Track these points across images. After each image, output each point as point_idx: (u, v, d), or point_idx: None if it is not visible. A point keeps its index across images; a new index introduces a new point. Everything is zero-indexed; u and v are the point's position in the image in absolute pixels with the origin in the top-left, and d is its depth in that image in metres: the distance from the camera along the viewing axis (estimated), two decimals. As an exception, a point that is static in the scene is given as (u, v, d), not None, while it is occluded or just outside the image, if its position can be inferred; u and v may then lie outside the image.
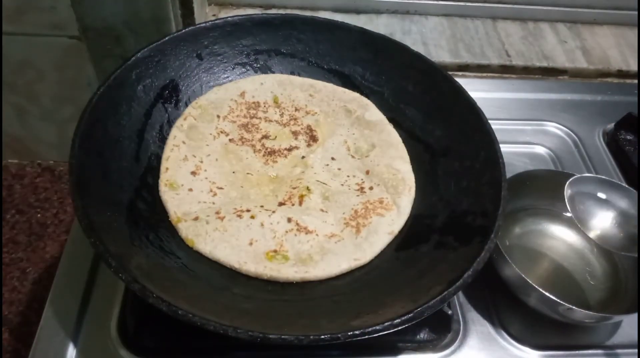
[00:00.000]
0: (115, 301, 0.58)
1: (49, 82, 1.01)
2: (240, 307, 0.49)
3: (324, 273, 0.55)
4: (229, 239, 0.55)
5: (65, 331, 0.56)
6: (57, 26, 0.88)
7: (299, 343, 0.42)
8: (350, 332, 0.43)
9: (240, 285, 0.53)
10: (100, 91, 0.56)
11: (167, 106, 0.64)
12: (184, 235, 0.55)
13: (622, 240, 0.62)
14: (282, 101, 0.70)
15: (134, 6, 0.82)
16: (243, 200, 0.60)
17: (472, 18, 1.04)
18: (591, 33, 1.04)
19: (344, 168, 0.65)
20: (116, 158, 0.56)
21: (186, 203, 0.58)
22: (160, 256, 0.52)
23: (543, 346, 0.60)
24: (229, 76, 0.70)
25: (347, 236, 0.58)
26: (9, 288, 1.10)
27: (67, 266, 0.62)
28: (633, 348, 0.61)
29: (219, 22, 0.68)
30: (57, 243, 1.16)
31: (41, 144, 1.20)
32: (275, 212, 0.58)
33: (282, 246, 0.56)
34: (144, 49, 0.62)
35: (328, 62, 0.72)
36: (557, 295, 0.56)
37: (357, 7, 1.02)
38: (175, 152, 0.62)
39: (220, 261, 0.54)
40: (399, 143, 0.68)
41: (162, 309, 0.42)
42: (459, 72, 0.96)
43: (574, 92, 0.92)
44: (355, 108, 0.70)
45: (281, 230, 0.57)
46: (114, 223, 0.51)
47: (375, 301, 0.50)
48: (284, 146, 0.66)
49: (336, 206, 0.61)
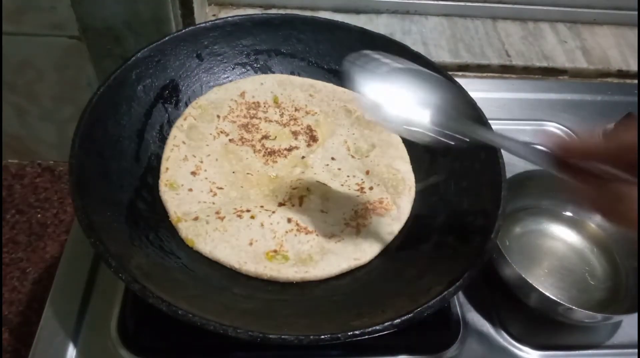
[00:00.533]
0: (115, 301, 0.58)
1: (49, 82, 1.01)
2: (240, 307, 0.49)
3: (323, 273, 0.55)
4: (229, 239, 0.55)
5: (65, 331, 0.56)
6: (57, 26, 0.88)
7: (299, 343, 0.42)
8: (350, 332, 0.43)
9: (240, 285, 0.53)
10: (100, 91, 0.56)
11: (167, 106, 0.64)
12: (184, 235, 0.55)
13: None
14: (282, 101, 0.70)
15: (134, 6, 0.82)
16: (243, 200, 0.60)
17: (472, 18, 1.04)
18: (591, 33, 1.04)
19: (344, 168, 0.65)
20: (116, 158, 0.56)
21: (186, 203, 0.58)
22: (160, 256, 0.52)
23: (543, 346, 0.60)
24: (229, 76, 0.70)
25: (347, 236, 0.58)
26: (9, 288, 1.10)
27: (67, 266, 0.62)
28: (633, 348, 0.61)
29: (219, 22, 0.68)
30: (57, 243, 1.16)
31: (41, 144, 1.20)
32: (275, 212, 0.58)
33: (282, 246, 0.56)
34: (144, 49, 0.62)
35: (328, 62, 0.72)
36: (557, 295, 0.56)
37: (357, 7, 1.02)
38: (175, 152, 0.62)
39: (220, 261, 0.54)
40: (399, 143, 0.68)
41: (162, 309, 0.42)
42: (459, 72, 0.96)
43: (574, 92, 0.92)
44: (356, 108, 0.70)
45: (281, 230, 0.57)
46: (114, 223, 0.51)
47: (375, 301, 0.50)
48: (284, 146, 0.66)
49: (336, 206, 0.61)
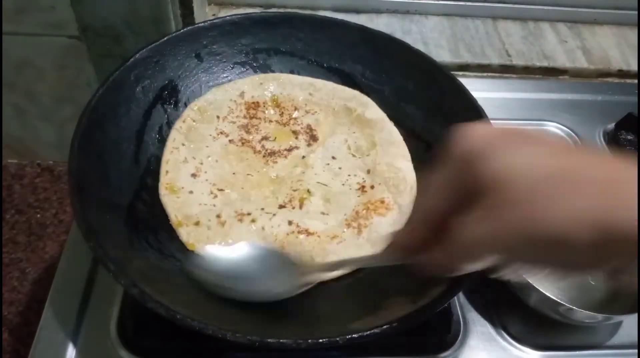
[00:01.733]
0: (115, 302, 0.58)
1: (49, 82, 1.01)
2: (239, 310, 0.49)
3: (326, 276, 0.54)
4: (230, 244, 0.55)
5: (65, 331, 0.56)
6: (57, 26, 0.88)
7: (297, 347, 0.42)
8: (349, 335, 0.43)
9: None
10: (99, 93, 0.56)
11: (166, 106, 0.64)
12: (185, 240, 0.55)
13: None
14: (281, 100, 0.70)
15: (134, 6, 0.81)
16: (243, 202, 0.60)
17: (472, 18, 1.04)
18: (592, 33, 1.04)
19: (344, 167, 0.65)
20: (115, 160, 0.56)
21: (187, 205, 0.58)
22: (160, 258, 0.52)
23: (543, 346, 0.60)
24: (228, 75, 0.70)
25: (348, 237, 0.58)
26: (8, 288, 1.10)
27: (67, 266, 0.61)
28: (633, 349, 0.61)
29: (218, 21, 0.68)
30: (57, 243, 1.16)
31: (41, 144, 1.20)
32: (275, 215, 0.58)
33: (284, 248, 0.56)
34: (142, 50, 0.61)
35: (328, 60, 0.72)
36: (557, 295, 0.56)
37: (357, 6, 1.02)
38: (175, 154, 0.61)
39: None
40: (400, 141, 0.68)
41: (160, 313, 0.42)
42: (460, 72, 0.96)
43: (574, 92, 0.92)
44: (356, 106, 0.70)
45: (282, 232, 0.57)
46: (113, 226, 0.51)
47: (374, 303, 0.50)
48: (284, 147, 0.66)
49: (337, 207, 0.61)
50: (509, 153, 0.31)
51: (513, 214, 0.30)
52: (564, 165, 0.30)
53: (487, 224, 0.31)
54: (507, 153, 0.31)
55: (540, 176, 0.30)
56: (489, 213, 0.31)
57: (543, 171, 0.30)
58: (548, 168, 0.30)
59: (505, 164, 0.30)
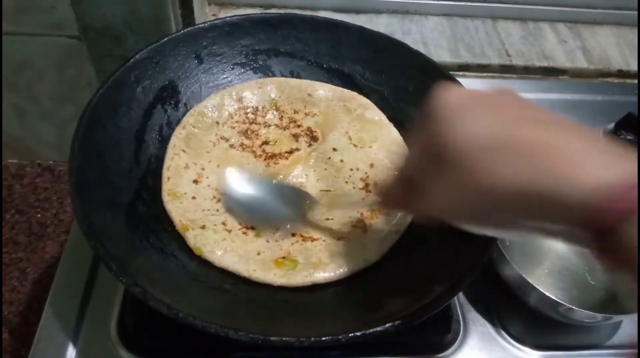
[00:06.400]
0: (115, 302, 0.58)
1: (49, 82, 1.01)
2: (242, 308, 0.49)
3: (334, 276, 0.54)
4: (236, 249, 0.56)
5: (65, 331, 0.56)
6: (57, 26, 0.88)
7: (300, 345, 0.42)
8: (351, 333, 0.43)
9: (244, 289, 0.53)
10: (99, 94, 0.56)
11: (166, 107, 0.64)
12: (192, 244, 0.55)
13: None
14: (280, 104, 0.70)
15: (134, 6, 0.81)
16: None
17: (472, 18, 1.04)
18: (591, 33, 1.04)
19: (346, 159, 0.65)
20: (116, 160, 0.56)
21: (190, 211, 0.58)
22: (161, 258, 0.52)
23: (543, 346, 0.60)
24: (228, 76, 0.70)
25: (354, 238, 0.58)
26: (8, 288, 1.10)
27: (67, 266, 0.62)
28: (633, 349, 0.61)
29: (218, 22, 0.68)
30: (57, 243, 1.16)
31: (41, 144, 1.20)
32: (279, 229, 0.58)
33: (290, 254, 0.56)
34: (143, 51, 0.62)
35: (327, 61, 0.72)
36: (557, 295, 0.56)
37: (357, 6, 1.02)
38: (176, 160, 0.61)
39: (229, 269, 0.54)
40: (400, 141, 0.67)
41: (162, 312, 0.42)
42: (459, 72, 0.96)
43: (574, 92, 0.92)
44: (355, 107, 0.69)
45: (287, 243, 0.57)
46: (114, 225, 0.51)
47: (376, 301, 0.50)
48: (285, 150, 0.66)
49: (341, 212, 0.60)
50: (469, 122, 0.34)
51: (463, 182, 0.34)
52: (515, 133, 0.33)
53: (445, 191, 0.36)
54: (468, 121, 0.34)
55: (488, 145, 0.33)
56: (448, 180, 0.35)
57: (491, 140, 0.33)
58: (498, 135, 0.33)
59: (464, 136, 0.34)
